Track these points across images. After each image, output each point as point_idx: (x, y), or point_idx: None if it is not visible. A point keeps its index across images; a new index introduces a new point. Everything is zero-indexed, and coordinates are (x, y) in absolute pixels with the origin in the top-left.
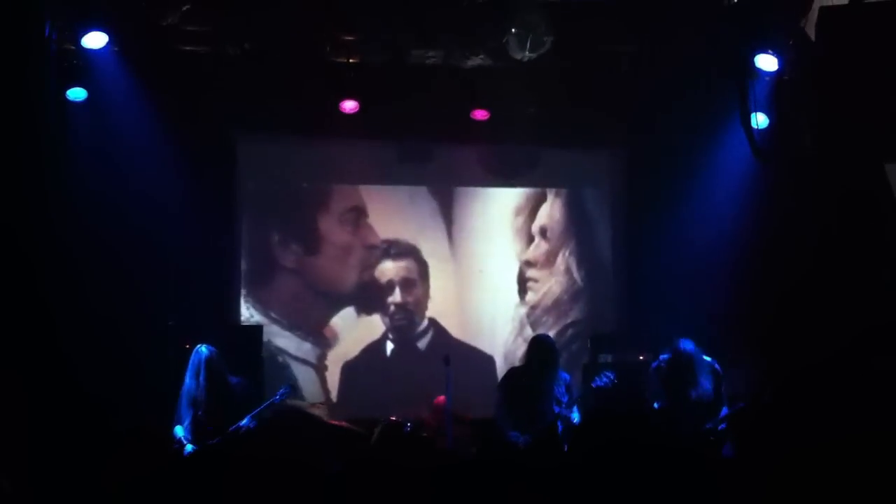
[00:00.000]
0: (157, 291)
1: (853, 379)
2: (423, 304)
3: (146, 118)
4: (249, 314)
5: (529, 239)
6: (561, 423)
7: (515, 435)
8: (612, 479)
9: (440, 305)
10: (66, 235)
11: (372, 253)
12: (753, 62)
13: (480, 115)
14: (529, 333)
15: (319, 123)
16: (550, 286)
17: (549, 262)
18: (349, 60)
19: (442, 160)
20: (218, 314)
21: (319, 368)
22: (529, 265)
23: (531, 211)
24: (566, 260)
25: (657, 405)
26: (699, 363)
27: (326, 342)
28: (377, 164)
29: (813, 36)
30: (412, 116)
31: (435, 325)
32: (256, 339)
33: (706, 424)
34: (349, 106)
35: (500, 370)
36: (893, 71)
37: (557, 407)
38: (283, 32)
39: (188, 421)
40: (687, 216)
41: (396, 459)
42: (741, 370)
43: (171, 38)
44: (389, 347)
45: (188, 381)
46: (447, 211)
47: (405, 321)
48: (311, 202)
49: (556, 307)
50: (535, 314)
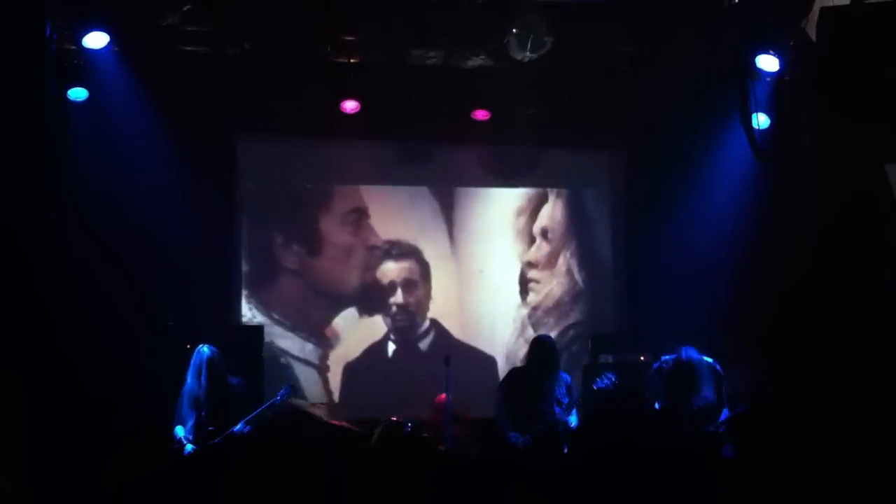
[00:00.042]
0: (157, 291)
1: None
2: (424, 304)
3: (147, 118)
4: (252, 315)
5: (531, 240)
6: (559, 426)
7: (515, 436)
8: (612, 479)
9: (442, 306)
10: (66, 235)
11: (373, 254)
12: (754, 62)
13: (481, 115)
14: (531, 334)
15: (320, 124)
16: (552, 287)
17: (550, 263)
18: (350, 61)
19: (442, 160)
20: (218, 314)
21: (321, 369)
22: (531, 266)
23: (532, 212)
24: (567, 261)
25: (658, 405)
26: (701, 372)
27: (328, 343)
28: (378, 164)
29: (814, 36)
30: (413, 117)
31: (436, 325)
32: (257, 339)
33: (707, 428)
34: (350, 106)
35: (501, 371)
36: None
37: (558, 408)
38: (283, 33)
39: (192, 422)
40: (687, 216)
41: (396, 459)
42: (741, 370)
43: (171, 38)
44: (391, 348)
45: (190, 380)
46: (448, 211)
47: (407, 322)
48: (312, 203)
49: (557, 308)
50: (536, 315)
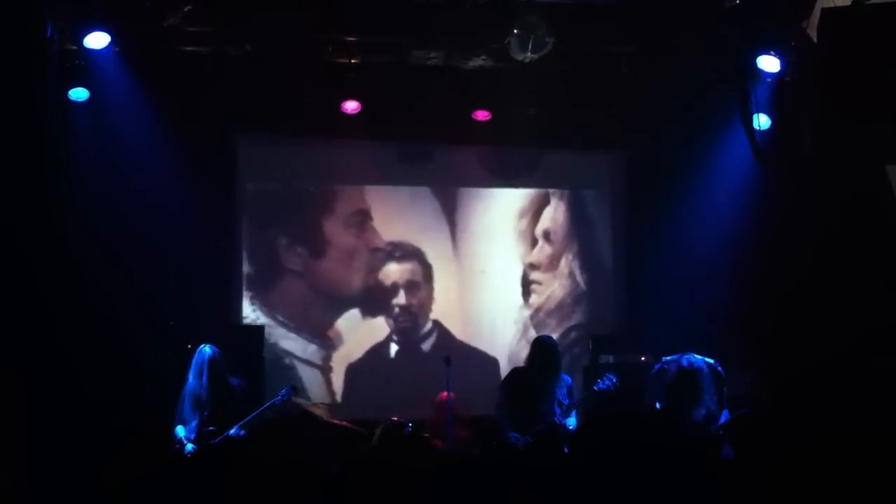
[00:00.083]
0: (157, 292)
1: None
2: (426, 306)
3: (147, 119)
4: (256, 316)
5: (533, 242)
6: (559, 429)
7: (515, 436)
8: (612, 479)
9: (444, 307)
10: (66, 235)
11: (376, 255)
12: (755, 63)
13: (482, 116)
14: (533, 336)
15: (320, 124)
16: (554, 289)
17: (552, 265)
18: (350, 61)
19: (443, 161)
20: (218, 315)
21: (324, 370)
22: (533, 268)
23: (535, 214)
24: (569, 263)
25: (658, 405)
26: (703, 381)
27: (331, 344)
28: (378, 164)
29: (815, 37)
30: (413, 117)
31: (439, 326)
32: (257, 339)
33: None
34: (350, 107)
35: (503, 372)
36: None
37: (558, 409)
38: (284, 33)
39: (195, 422)
40: (688, 217)
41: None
42: (741, 370)
43: (172, 38)
44: (393, 349)
45: (191, 380)
46: (450, 212)
47: (409, 323)
48: (315, 205)
49: (559, 310)
50: (538, 317)
